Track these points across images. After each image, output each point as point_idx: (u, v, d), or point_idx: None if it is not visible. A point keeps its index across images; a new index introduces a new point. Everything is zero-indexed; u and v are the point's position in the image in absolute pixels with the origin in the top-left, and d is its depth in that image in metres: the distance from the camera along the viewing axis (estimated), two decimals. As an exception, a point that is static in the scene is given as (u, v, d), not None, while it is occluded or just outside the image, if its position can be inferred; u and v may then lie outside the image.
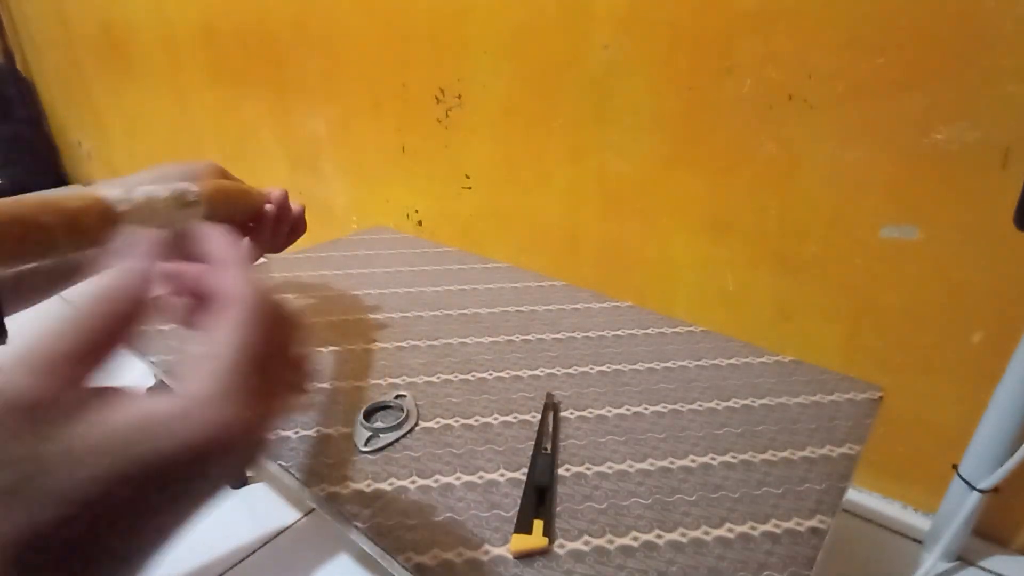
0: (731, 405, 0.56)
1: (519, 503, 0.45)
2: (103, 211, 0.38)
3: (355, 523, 0.44)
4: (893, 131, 0.68)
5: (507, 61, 0.98)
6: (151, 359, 0.62)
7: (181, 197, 0.42)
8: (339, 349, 0.65)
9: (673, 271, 0.92)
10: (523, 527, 0.42)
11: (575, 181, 0.97)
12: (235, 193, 0.49)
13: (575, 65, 0.90)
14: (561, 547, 0.41)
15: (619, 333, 0.68)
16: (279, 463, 0.50)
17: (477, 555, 0.41)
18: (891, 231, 0.72)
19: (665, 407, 0.56)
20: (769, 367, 0.62)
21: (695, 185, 0.85)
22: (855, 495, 0.84)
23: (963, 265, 0.69)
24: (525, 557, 0.41)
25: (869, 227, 0.73)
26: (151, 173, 0.44)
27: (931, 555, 0.71)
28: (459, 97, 1.06)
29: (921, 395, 0.76)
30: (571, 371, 0.61)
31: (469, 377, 0.60)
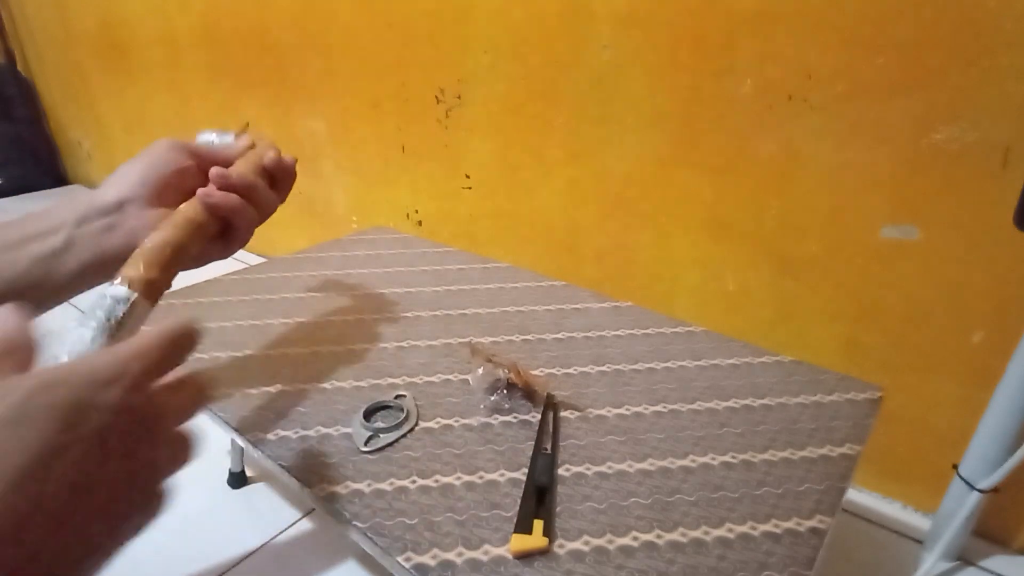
0: (731, 405, 0.56)
1: (519, 503, 0.45)
2: None
3: (355, 523, 0.44)
4: (893, 131, 0.68)
5: (507, 61, 0.98)
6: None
7: (113, 317, 0.35)
8: (339, 349, 0.65)
9: (673, 271, 0.92)
10: (523, 527, 0.42)
11: (575, 181, 0.97)
12: (184, 238, 0.41)
13: (575, 65, 0.90)
14: (561, 547, 0.41)
15: (619, 333, 0.68)
16: (279, 463, 0.50)
17: (477, 555, 0.41)
18: (891, 231, 0.72)
19: (665, 407, 0.56)
20: (769, 367, 0.62)
21: (695, 185, 0.85)
22: (855, 495, 0.84)
23: (963, 265, 0.69)
24: (525, 557, 0.41)
25: (869, 227, 0.73)
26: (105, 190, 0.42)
27: (931, 555, 0.71)
28: (459, 97, 1.06)
29: (921, 395, 0.76)
30: (571, 371, 0.61)
31: (469, 377, 0.60)
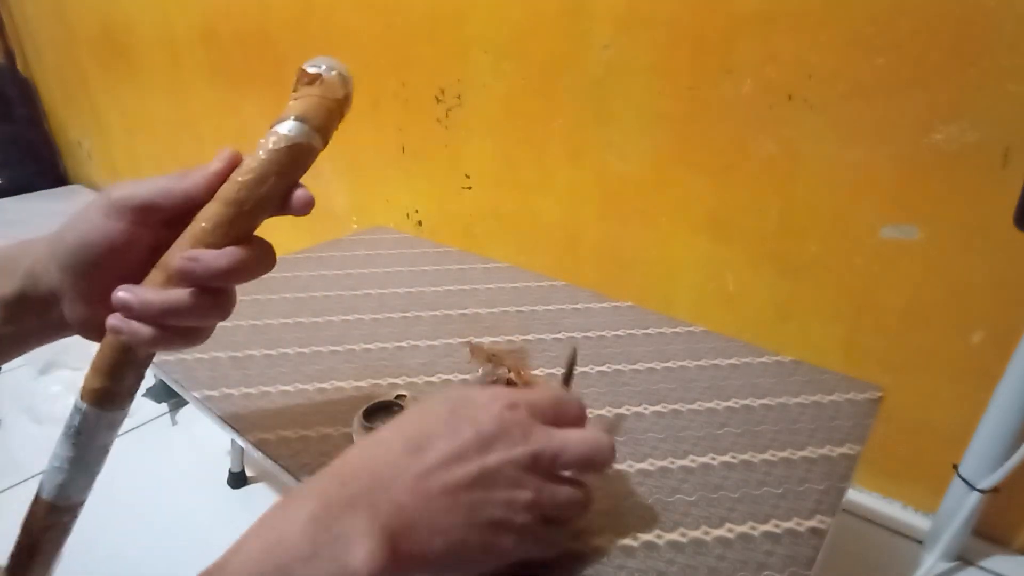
0: (731, 405, 0.56)
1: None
2: None
3: (355, 523, 0.44)
4: (893, 131, 0.68)
5: (507, 61, 0.98)
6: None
7: (71, 427, 0.35)
8: (339, 349, 0.65)
9: (673, 271, 0.92)
10: None
11: (575, 181, 0.97)
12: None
13: (575, 65, 0.90)
14: (561, 547, 0.41)
15: (619, 333, 0.68)
16: (279, 463, 0.50)
17: (477, 555, 0.41)
18: (891, 231, 0.72)
19: (665, 407, 0.56)
20: (769, 367, 0.62)
21: (695, 185, 0.85)
22: (855, 495, 0.84)
23: (963, 265, 0.69)
24: None
25: (869, 227, 0.73)
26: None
27: (931, 555, 0.71)
28: (459, 97, 1.06)
29: (921, 395, 0.76)
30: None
31: (469, 377, 0.60)
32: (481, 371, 0.56)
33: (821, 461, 0.49)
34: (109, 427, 0.36)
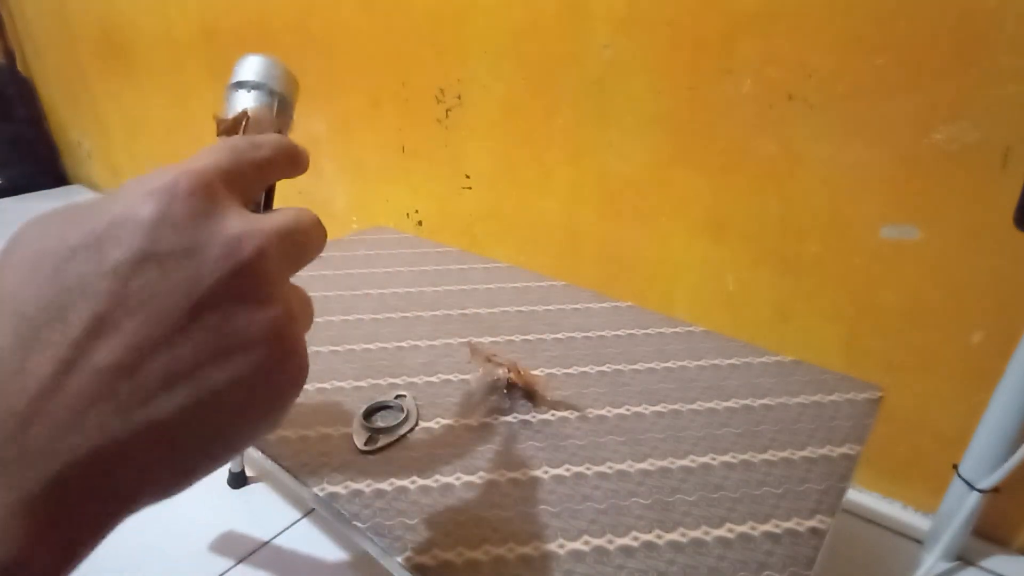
0: (731, 405, 0.56)
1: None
2: None
3: (355, 523, 0.44)
4: (893, 131, 0.68)
5: (507, 61, 0.98)
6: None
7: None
8: (339, 349, 0.65)
9: (673, 271, 0.92)
10: None
11: (575, 181, 0.97)
12: None
13: (575, 65, 0.90)
14: (561, 547, 0.41)
15: (619, 333, 0.68)
16: (279, 463, 0.50)
17: (477, 555, 0.41)
18: (891, 231, 0.72)
19: (665, 407, 0.56)
20: (769, 367, 0.62)
21: (695, 185, 0.85)
22: (855, 495, 0.84)
23: (963, 265, 0.69)
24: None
25: (869, 227, 0.73)
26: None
27: (931, 555, 0.71)
28: (459, 97, 1.06)
29: (921, 395, 0.76)
30: (571, 371, 0.61)
31: (469, 377, 0.60)
32: (481, 371, 0.56)
33: (821, 461, 0.49)
34: None
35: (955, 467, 0.70)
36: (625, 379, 0.60)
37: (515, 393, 0.56)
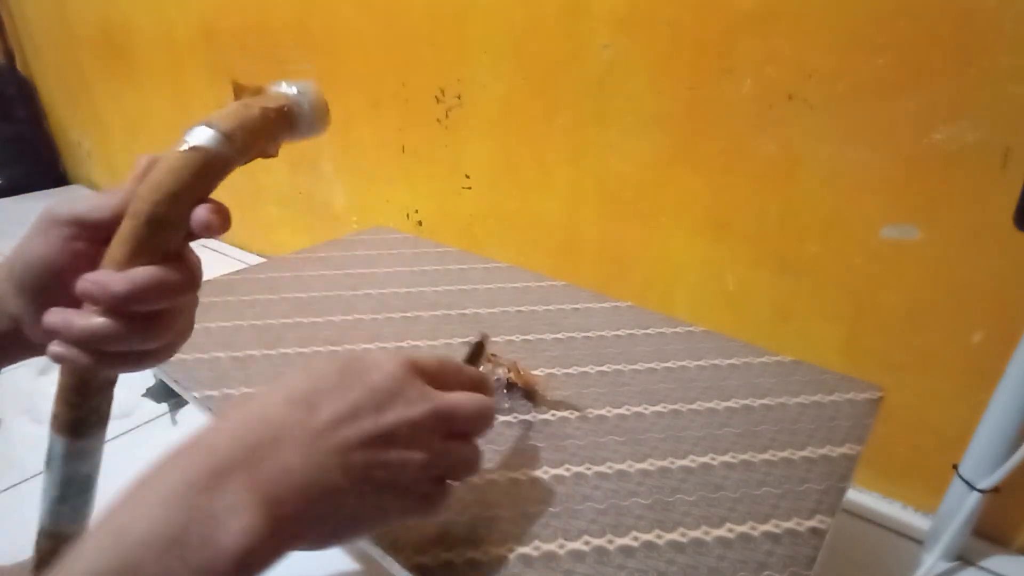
0: (731, 405, 0.56)
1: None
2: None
3: (355, 523, 0.44)
4: (893, 131, 0.68)
5: (507, 61, 0.98)
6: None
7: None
8: (339, 349, 0.65)
9: (673, 271, 0.92)
10: None
11: (575, 181, 0.97)
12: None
13: (575, 65, 0.90)
14: (561, 547, 0.41)
15: (619, 333, 0.68)
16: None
17: (477, 555, 0.41)
18: (891, 231, 0.72)
19: (665, 407, 0.56)
20: (769, 367, 0.62)
21: (695, 185, 0.85)
22: (855, 495, 0.84)
23: (963, 265, 0.69)
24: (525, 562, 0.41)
25: (869, 227, 0.73)
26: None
27: (931, 555, 0.71)
28: (459, 97, 1.06)
29: (921, 395, 0.76)
30: (571, 371, 0.61)
31: None
32: (481, 370, 0.56)
33: (821, 461, 0.49)
34: (82, 456, 0.34)
35: (955, 467, 0.70)
36: (625, 379, 0.60)
37: (515, 393, 0.57)
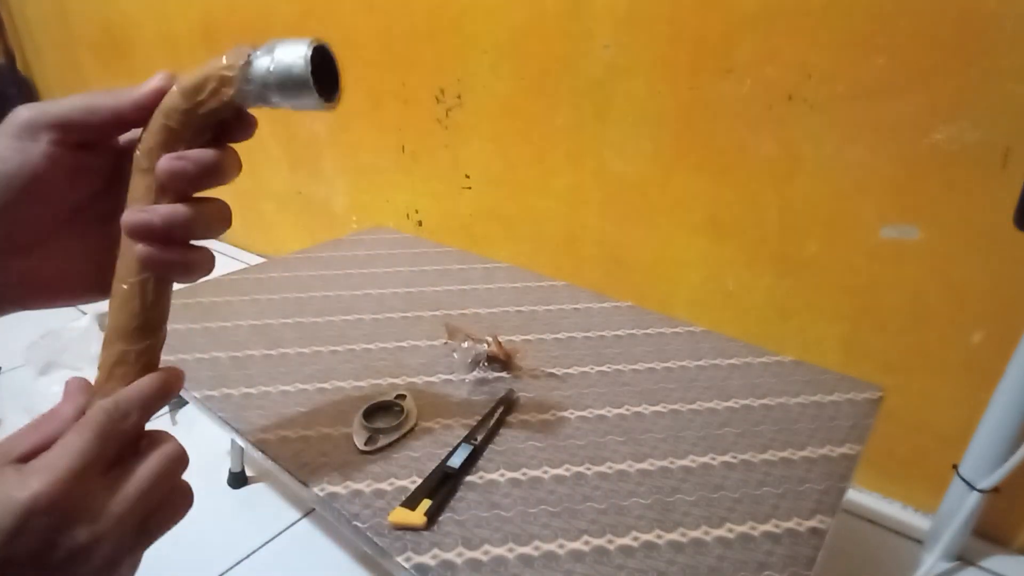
0: (731, 405, 0.56)
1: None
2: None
3: (355, 523, 0.44)
4: (893, 131, 0.68)
5: (507, 61, 0.98)
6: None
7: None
8: (339, 349, 0.65)
9: (673, 271, 0.92)
10: (409, 503, 0.44)
11: (575, 181, 0.97)
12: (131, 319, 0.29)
13: (575, 65, 0.90)
14: (561, 547, 0.41)
15: (619, 333, 0.68)
16: (279, 463, 0.50)
17: (477, 555, 0.41)
18: (891, 231, 0.72)
19: (665, 407, 0.56)
20: (769, 367, 0.62)
21: (695, 185, 0.85)
22: (855, 495, 0.84)
23: (963, 265, 0.69)
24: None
25: (869, 227, 0.73)
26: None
27: (931, 555, 0.71)
28: (459, 97, 1.06)
29: (921, 395, 0.76)
30: (571, 371, 0.61)
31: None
32: (466, 344, 0.59)
33: (821, 461, 0.49)
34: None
35: (955, 467, 0.70)
36: (625, 379, 0.60)
37: (495, 365, 0.60)
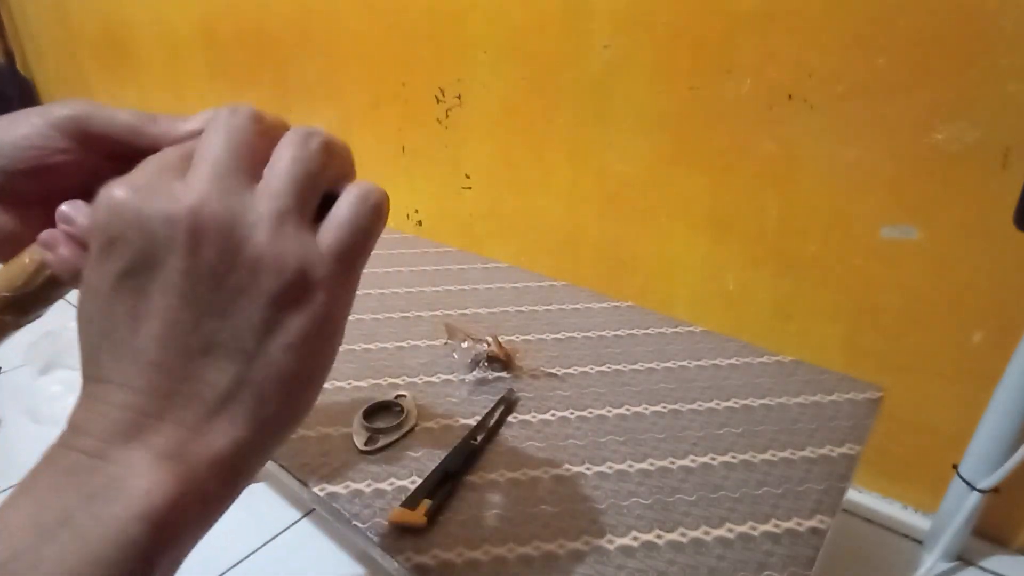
0: (731, 405, 0.56)
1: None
2: None
3: (355, 523, 0.44)
4: (893, 131, 0.68)
5: (507, 61, 0.98)
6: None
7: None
8: (339, 349, 0.65)
9: (673, 271, 0.92)
10: (410, 503, 0.44)
11: (575, 181, 0.97)
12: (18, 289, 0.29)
13: (575, 65, 0.90)
14: (561, 547, 0.41)
15: (619, 333, 0.68)
16: (279, 463, 0.50)
17: (477, 555, 0.41)
18: (891, 231, 0.72)
19: (665, 407, 0.56)
20: (769, 367, 0.62)
21: (695, 185, 0.85)
22: (855, 495, 0.84)
23: (963, 265, 0.69)
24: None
25: (869, 227, 0.73)
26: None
27: (931, 555, 0.71)
28: (459, 97, 1.06)
29: (921, 395, 0.76)
30: (571, 371, 0.61)
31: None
32: (466, 344, 0.59)
33: (821, 461, 0.49)
34: None
35: (955, 467, 0.70)
36: (625, 379, 0.60)
37: (495, 364, 0.60)
